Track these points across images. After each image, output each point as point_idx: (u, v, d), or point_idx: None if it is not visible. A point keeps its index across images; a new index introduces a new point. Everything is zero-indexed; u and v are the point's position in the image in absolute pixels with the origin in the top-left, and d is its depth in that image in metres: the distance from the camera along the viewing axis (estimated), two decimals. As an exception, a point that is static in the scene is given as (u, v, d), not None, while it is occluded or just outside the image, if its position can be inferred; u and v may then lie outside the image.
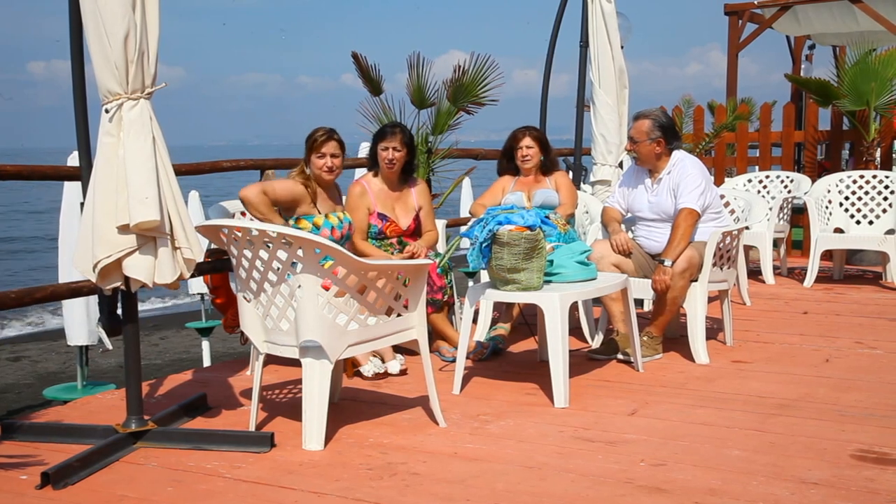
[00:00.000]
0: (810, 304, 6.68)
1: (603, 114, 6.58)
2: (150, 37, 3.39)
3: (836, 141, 9.38)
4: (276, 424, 3.88)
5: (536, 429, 3.80)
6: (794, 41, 12.70)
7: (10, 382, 8.69)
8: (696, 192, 4.90)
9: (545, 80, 7.62)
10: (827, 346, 5.31)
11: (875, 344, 5.33)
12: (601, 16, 6.60)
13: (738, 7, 10.79)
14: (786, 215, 7.90)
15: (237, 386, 4.51)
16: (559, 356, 4.13)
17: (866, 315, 6.23)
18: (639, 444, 3.58)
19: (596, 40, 6.63)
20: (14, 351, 10.38)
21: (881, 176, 7.60)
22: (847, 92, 8.59)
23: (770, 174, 8.59)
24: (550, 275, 4.39)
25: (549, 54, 7.38)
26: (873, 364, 4.85)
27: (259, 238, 3.52)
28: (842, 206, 7.64)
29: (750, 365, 4.87)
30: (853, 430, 3.72)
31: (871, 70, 8.43)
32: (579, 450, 3.54)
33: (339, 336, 3.55)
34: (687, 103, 10.67)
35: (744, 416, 3.93)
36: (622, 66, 6.69)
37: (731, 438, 3.63)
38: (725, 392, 4.33)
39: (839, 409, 4.02)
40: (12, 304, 4.22)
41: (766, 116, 9.64)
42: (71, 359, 9.22)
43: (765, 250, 7.53)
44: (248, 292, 3.70)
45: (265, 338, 3.73)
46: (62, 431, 3.75)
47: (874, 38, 9.47)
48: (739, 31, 10.77)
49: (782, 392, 4.29)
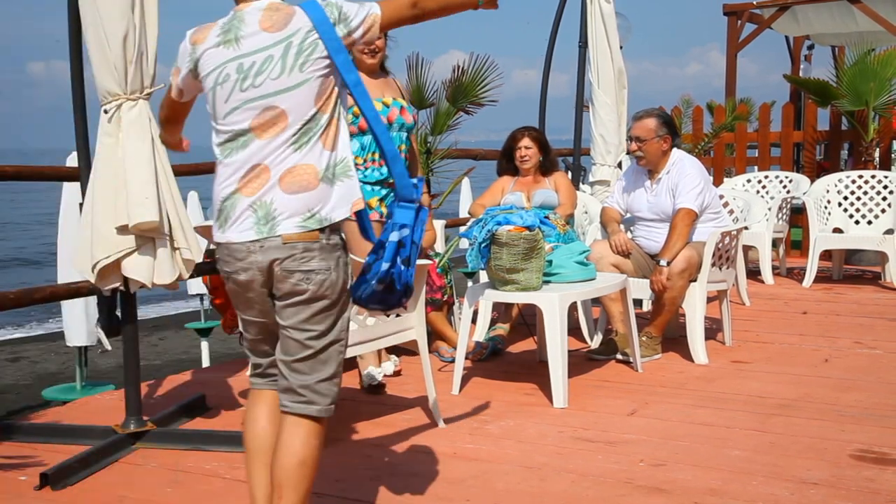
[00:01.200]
0: (809, 304, 6.68)
1: (602, 114, 6.58)
2: (148, 37, 3.39)
3: (835, 141, 9.38)
4: (276, 425, 3.87)
5: (536, 429, 3.80)
6: (793, 41, 12.69)
7: (9, 383, 8.68)
8: (695, 192, 4.90)
9: (544, 81, 7.62)
10: (826, 346, 5.31)
11: (874, 344, 5.33)
12: (600, 16, 6.60)
13: (737, 7, 10.79)
14: (785, 215, 7.90)
15: (236, 386, 4.51)
16: (558, 356, 4.13)
17: (865, 315, 6.23)
18: (638, 445, 3.58)
19: (595, 41, 6.64)
20: (13, 351, 10.37)
21: (880, 176, 7.60)
22: (846, 92, 8.58)
23: (769, 174, 8.59)
24: (549, 275, 4.39)
25: (549, 55, 7.39)
26: (873, 364, 4.85)
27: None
28: (841, 206, 7.64)
29: (749, 365, 4.87)
30: (853, 430, 3.72)
31: (870, 70, 8.43)
32: (579, 450, 3.53)
33: (338, 336, 3.55)
34: (686, 103, 10.68)
35: (743, 416, 3.93)
36: (621, 67, 6.70)
37: (731, 438, 3.63)
38: (725, 392, 4.33)
39: (839, 409, 4.02)
40: (11, 304, 4.22)
41: (764, 117, 9.65)
42: (70, 359, 9.21)
43: (764, 250, 7.53)
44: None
45: (264, 338, 3.72)
46: (61, 432, 3.75)
47: (873, 39, 9.46)
48: (738, 31, 10.77)
49: (782, 392, 4.29)
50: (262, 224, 2.34)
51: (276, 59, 2.35)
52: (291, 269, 2.34)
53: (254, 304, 2.45)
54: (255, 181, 2.36)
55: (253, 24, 2.38)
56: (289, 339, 2.40)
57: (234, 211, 2.38)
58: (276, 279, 2.37)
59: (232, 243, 2.39)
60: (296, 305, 2.37)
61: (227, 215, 2.40)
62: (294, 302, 2.37)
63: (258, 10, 2.40)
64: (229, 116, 2.40)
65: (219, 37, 2.41)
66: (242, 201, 2.37)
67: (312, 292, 2.35)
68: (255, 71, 2.36)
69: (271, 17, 2.38)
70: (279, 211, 2.34)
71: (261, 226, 2.35)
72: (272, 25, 2.37)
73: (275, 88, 2.34)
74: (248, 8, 2.41)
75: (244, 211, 2.37)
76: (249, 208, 2.36)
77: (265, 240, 2.34)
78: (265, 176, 2.36)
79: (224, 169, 2.43)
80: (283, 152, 2.36)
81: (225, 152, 2.43)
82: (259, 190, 2.36)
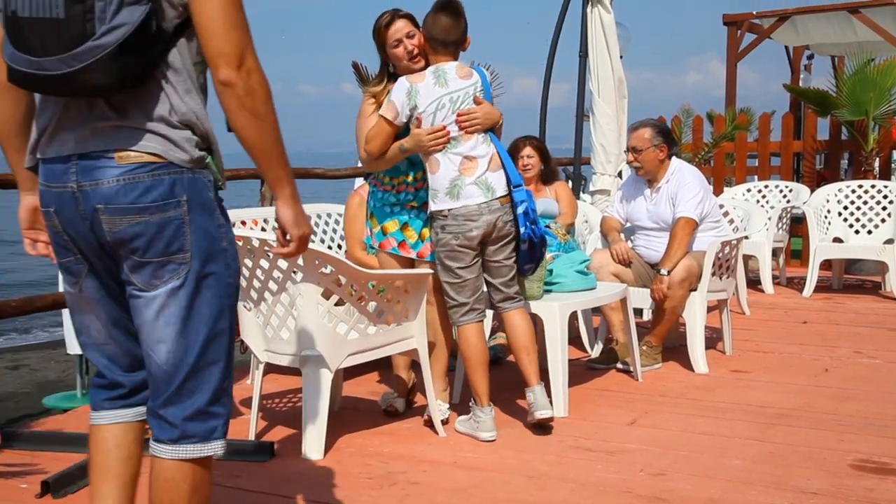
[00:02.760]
0: (809, 313, 6.69)
1: (602, 124, 6.60)
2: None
3: (835, 151, 9.40)
4: (276, 433, 3.88)
5: (536, 438, 3.81)
6: (793, 51, 12.72)
7: (10, 391, 8.67)
8: (694, 201, 4.91)
9: (545, 90, 7.64)
10: (826, 355, 5.31)
11: (874, 354, 5.33)
12: (600, 26, 6.62)
13: (736, 17, 10.82)
14: (785, 225, 7.92)
15: (237, 395, 4.49)
16: (559, 366, 4.14)
17: (865, 325, 6.24)
18: (638, 454, 3.58)
19: (595, 50, 6.66)
20: (14, 359, 10.35)
21: (880, 185, 7.61)
22: (846, 102, 8.61)
23: (769, 184, 8.61)
24: (550, 284, 4.39)
25: (549, 64, 7.41)
26: (872, 374, 4.86)
27: (260, 247, 3.53)
28: (840, 216, 7.66)
29: (749, 374, 4.88)
30: (852, 439, 3.72)
31: (870, 80, 8.45)
32: (579, 459, 3.54)
33: (339, 345, 3.56)
34: (686, 113, 10.68)
35: (743, 425, 3.94)
36: (621, 76, 6.71)
37: (731, 448, 3.64)
38: (725, 402, 4.33)
39: (838, 418, 4.03)
40: (13, 312, 4.23)
41: (764, 126, 9.67)
42: (70, 367, 9.20)
43: (764, 260, 7.54)
44: (248, 301, 3.71)
45: (265, 347, 3.73)
46: (62, 440, 3.75)
47: (872, 49, 9.48)
48: (738, 41, 10.79)
49: (782, 402, 4.30)
50: (485, 190, 3.73)
51: (470, 94, 3.75)
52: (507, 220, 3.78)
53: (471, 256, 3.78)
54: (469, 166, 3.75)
55: (452, 73, 3.74)
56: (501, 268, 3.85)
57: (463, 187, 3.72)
58: (496, 230, 3.76)
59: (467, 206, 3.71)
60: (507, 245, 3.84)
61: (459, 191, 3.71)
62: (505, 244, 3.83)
63: (453, 66, 3.76)
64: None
65: (433, 79, 3.72)
66: (466, 180, 3.71)
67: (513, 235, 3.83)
68: (458, 101, 3.72)
69: (461, 70, 3.77)
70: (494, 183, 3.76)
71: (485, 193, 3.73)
72: (464, 76, 3.76)
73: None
74: (447, 65, 3.76)
75: (469, 185, 3.72)
76: (473, 184, 3.72)
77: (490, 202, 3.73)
78: (474, 163, 3.75)
79: (444, 160, 3.73)
80: (482, 146, 3.77)
81: (443, 152, 3.73)
82: (474, 171, 3.74)
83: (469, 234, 3.70)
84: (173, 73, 1.95)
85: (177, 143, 1.95)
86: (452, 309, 3.82)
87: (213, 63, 1.92)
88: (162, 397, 2.03)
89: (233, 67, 1.90)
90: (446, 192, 3.71)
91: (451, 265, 3.76)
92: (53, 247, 2.11)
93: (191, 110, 1.97)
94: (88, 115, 1.94)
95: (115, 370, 2.19)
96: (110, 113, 1.93)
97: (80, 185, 1.94)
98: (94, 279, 2.08)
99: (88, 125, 1.94)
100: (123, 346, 2.16)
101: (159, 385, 2.03)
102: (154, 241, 1.95)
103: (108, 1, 1.80)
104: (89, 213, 1.94)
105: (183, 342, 2.00)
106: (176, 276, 1.98)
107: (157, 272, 1.97)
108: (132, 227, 1.94)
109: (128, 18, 1.82)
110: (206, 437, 2.06)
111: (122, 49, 1.82)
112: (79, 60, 1.81)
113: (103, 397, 2.21)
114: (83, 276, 2.09)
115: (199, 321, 2.01)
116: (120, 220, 1.93)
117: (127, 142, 1.92)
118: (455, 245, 3.72)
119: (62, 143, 1.97)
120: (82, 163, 1.93)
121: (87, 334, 2.17)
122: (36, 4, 1.81)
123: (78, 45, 1.80)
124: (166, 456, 2.04)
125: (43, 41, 1.82)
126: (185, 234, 1.97)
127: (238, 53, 1.90)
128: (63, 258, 2.09)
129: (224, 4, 1.89)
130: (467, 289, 3.78)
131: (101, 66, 1.82)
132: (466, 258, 3.75)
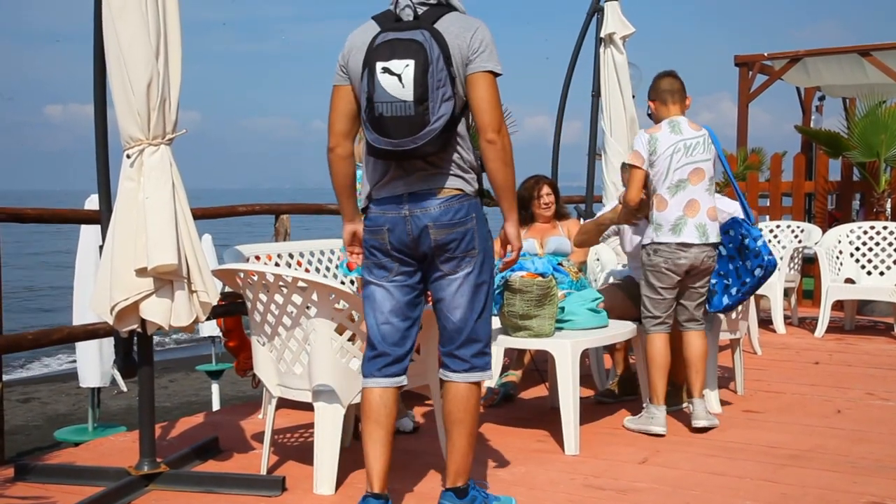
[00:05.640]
0: (821, 354, 6.67)
1: (614, 162, 6.64)
2: (171, 84, 3.46)
3: (847, 192, 9.42)
4: (288, 468, 3.88)
5: (547, 476, 3.80)
6: (804, 92, 12.78)
7: (20, 424, 8.69)
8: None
9: (557, 129, 7.70)
10: (838, 396, 5.29)
11: (887, 395, 5.31)
12: (613, 66, 6.70)
13: (747, 59, 10.89)
14: (796, 265, 7.92)
15: (249, 429, 4.52)
16: (570, 403, 4.14)
17: (878, 366, 6.21)
18: (649, 493, 3.57)
19: (608, 90, 6.73)
20: (24, 392, 10.38)
21: (892, 227, 7.62)
22: (857, 143, 8.64)
23: (781, 224, 8.62)
24: (562, 322, 4.41)
25: (562, 104, 7.46)
26: (885, 415, 4.83)
27: (275, 282, 3.56)
28: (853, 257, 7.66)
29: (761, 415, 4.86)
30: (865, 481, 3.70)
31: (881, 122, 8.49)
32: (590, 497, 3.53)
33: (351, 381, 3.57)
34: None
35: (755, 466, 3.92)
36: (633, 115, 6.77)
37: (743, 488, 3.62)
38: (737, 441, 4.32)
39: (851, 460, 4.01)
40: (29, 345, 4.26)
41: (776, 166, 9.70)
42: (81, 401, 9.23)
43: (776, 300, 7.53)
44: (262, 336, 3.73)
45: (278, 381, 3.75)
46: (75, 473, 3.76)
47: (884, 91, 9.52)
48: (750, 81, 10.86)
49: (794, 442, 4.28)
50: (701, 234, 4.41)
51: (700, 144, 4.44)
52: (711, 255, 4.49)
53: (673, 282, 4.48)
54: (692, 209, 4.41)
55: (685, 124, 4.48)
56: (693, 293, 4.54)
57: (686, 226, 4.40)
58: (701, 264, 4.43)
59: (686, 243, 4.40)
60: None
61: (680, 228, 4.40)
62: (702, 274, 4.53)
63: (685, 119, 4.52)
64: (676, 172, 4.41)
65: (669, 128, 4.47)
66: (689, 221, 4.39)
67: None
68: (692, 148, 4.42)
69: (692, 124, 4.51)
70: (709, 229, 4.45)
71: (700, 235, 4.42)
72: (695, 128, 4.50)
73: (701, 158, 4.43)
74: (679, 118, 4.51)
75: (690, 227, 4.40)
76: (693, 226, 4.40)
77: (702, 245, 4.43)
78: (696, 206, 4.41)
79: (672, 200, 4.42)
80: (704, 195, 4.44)
81: (671, 192, 4.41)
82: (696, 214, 4.40)
83: (678, 262, 4.40)
84: (460, 138, 3.03)
85: (468, 181, 3.05)
86: (647, 319, 4.52)
87: (482, 129, 2.97)
88: (456, 343, 3.10)
89: (495, 131, 2.96)
90: (670, 228, 4.41)
91: (655, 284, 4.46)
92: (373, 252, 3.12)
93: (473, 160, 3.07)
94: (413, 168, 3.01)
95: (385, 344, 3.13)
96: (427, 166, 3.01)
97: (411, 212, 3.02)
98: (395, 277, 3.10)
99: (413, 174, 3.02)
100: (395, 326, 3.13)
101: (453, 336, 3.10)
102: (461, 243, 3.02)
103: (435, 101, 2.86)
104: (418, 229, 3.01)
105: (471, 307, 3.07)
106: (469, 265, 3.04)
107: (460, 263, 3.04)
108: (450, 235, 3.01)
109: (445, 110, 2.89)
110: (483, 367, 3.15)
111: (443, 129, 2.90)
112: (421, 139, 2.88)
113: (374, 367, 3.15)
114: (392, 272, 3.09)
115: (479, 294, 3.08)
116: (443, 231, 3.00)
117: (442, 182, 3.02)
118: (664, 268, 4.42)
119: (394, 188, 3.04)
120: (412, 198, 3.02)
121: (373, 315, 3.14)
122: (394, 107, 2.86)
123: (420, 130, 2.87)
124: (461, 380, 3.11)
125: (397, 129, 2.88)
126: (475, 238, 3.04)
127: (498, 122, 2.97)
128: (380, 259, 3.10)
129: (491, 92, 2.97)
130: (663, 306, 4.47)
131: (432, 141, 2.90)
132: (670, 281, 4.44)
